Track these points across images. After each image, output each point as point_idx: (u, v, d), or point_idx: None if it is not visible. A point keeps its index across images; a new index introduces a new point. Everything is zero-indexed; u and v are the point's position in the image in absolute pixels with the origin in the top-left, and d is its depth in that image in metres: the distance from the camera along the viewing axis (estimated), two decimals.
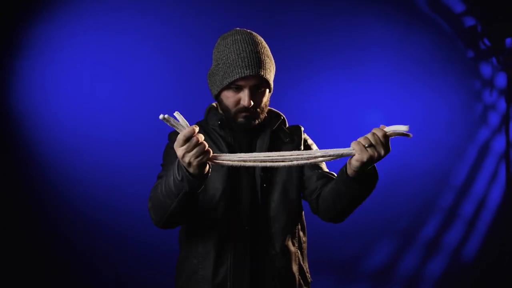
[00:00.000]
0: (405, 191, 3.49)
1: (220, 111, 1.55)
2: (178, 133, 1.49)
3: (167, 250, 2.65)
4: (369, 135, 1.18)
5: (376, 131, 1.18)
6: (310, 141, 1.63)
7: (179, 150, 1.14)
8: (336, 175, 1.49)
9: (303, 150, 1.55)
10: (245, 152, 1.44)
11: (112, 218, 3.09)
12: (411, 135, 1.16)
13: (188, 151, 1.14)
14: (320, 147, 1.62)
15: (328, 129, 1.95)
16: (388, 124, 1.20)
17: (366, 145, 1.17)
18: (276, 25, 3.27)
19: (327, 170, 1.56)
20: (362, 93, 3.46)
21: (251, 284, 1.42)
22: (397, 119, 3.47)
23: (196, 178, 1.20)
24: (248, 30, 1.49)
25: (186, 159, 1.15)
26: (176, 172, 1.21)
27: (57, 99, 3.08)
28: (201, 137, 1.15)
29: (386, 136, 1.18)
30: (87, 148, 3.08)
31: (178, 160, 1.20)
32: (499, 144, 3.71)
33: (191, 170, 1.18)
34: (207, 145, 1.16)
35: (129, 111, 3.14)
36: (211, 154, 1.18)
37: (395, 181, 3.45)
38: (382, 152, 1.18)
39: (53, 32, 3.09)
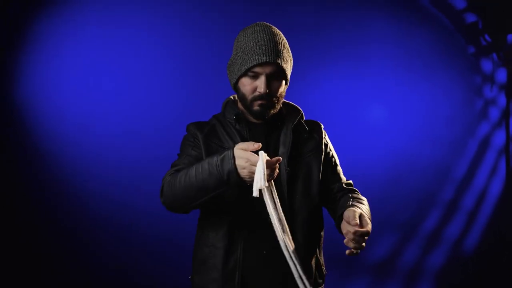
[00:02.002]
0: (406, 185, 3.51)
1: (238, 104, 1.59)
2: (198, 125, 1.57)
3: (179, 243, 2.68)
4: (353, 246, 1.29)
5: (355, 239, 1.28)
6: (330, 145, 1.68)
7: (259, 171, 1.23)
8: (352, 184, 1.64)
9: (324, 150, 1.61)
10: (262, 147, 1.51)
11: (117, 210, 3.12)
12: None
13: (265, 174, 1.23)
14: None
15: (330, 123, 1.98)
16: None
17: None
18: (279, 20, 3.24)
19: (345, 180, 1.65)
20: (364, 88, 3.48)
21: (264, 275, 1.45)
22: (398, 114, 3.52)
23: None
24: (268, 24, 1.53)
25: (258, 176, 1.24)
26: (224, 173, 1.27)
27: (61, 93, 3.10)
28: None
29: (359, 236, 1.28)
30: (92, 142, 3.11)
31: (225, 161, 1.27)
32: (499, 138, 3.71)
33: (246, 181, 1.28)
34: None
35: (133, 104, 3.16)
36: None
37: (396, 175, 3.48)
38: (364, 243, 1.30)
39: (57, 27, 3.12)
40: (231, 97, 1.67)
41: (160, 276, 3.14)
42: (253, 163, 1.23)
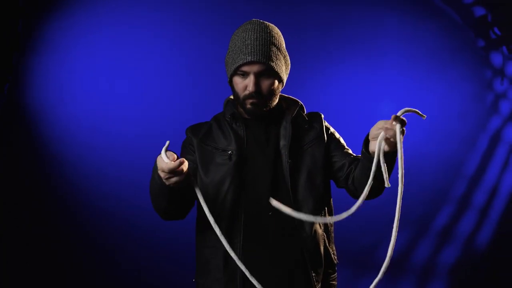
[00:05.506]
0: (418, 181, 3.48)
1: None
2: (194, 129, 1.58)
3: (186, 242, 2.69)
4: (389, 133, 1.19)
5: (391, 127, 1.20)
6: (332, 129, 1.66)
7: (162, 174, 1.23)
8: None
9: (326, 137, 1.59)
10: (262, 143, 1.52)
11: (130, 212, 3.12)
12: (425, 116, 1.21)
13: (169, 178, 1.23)
14: None
15: (341, 120, 1.98)
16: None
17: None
18: (290, 19, 3.30)
19: (354, 154, 1.59)
20: (376, 85, 3.47)
21: (269, 272, 1.44)
22: None
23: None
24: (263, 21, 1.52)
25: (167, 183, 1.25)
26: (157, 178, 1.29)
27: (73, 96, 3.11)
28: (185, 166, 1.25)
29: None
30: (104, 144, 3.12)
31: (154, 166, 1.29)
32: (511, 132, 3.67)
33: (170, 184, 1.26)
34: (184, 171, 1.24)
35: (146, 106, 3.17)
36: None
37: (408, 171, 3.32)
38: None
39: (68, 29, 3.13)
40: (231, 96, 1.66)
41: (165, 276, 3.16)
42: (159, 168, 1.24)
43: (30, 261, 2.99)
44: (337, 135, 1.66)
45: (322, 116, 1.66)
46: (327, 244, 1.56)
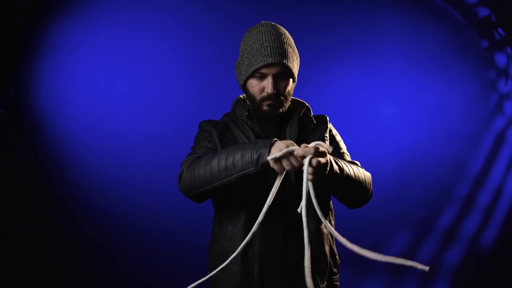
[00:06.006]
0: (421, 181, 3.49)
1: (248, 102, 1.61)
2: (211, 122, 1.60)
3: (186, 242, 2.70)
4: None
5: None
6: (334, 131, 1.69)
7: (294, 159, 1.22)
8: (358, 163, 1.57)
9: (328, 138, 1.62)
10: None
11: (130, 212, 3.14)
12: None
13: (295, 165, 1.23)
14: None
15: (343, 120, 1.98)
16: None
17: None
18: (291, 19, 3.27)
19: (349, 159, 1.61)
20: (378, 85, 3.48)
21: (280, 266, 1.46)
22: (412, 110, 3.49)
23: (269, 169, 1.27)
24: (273, 23, 1.55)
25: (287, 165, 1.24)
26: (253, 153, 1.28)
27: (74, 96, 3.14)
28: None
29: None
30: (106, 145, 3.14)
31: (257, 143, 1.29)
32: None
33: (274, 166, 1.25)
34: None
35: (146, 107, 3.18)
36: None
37: (411, 171, 3.46)
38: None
39: (71, 32, 3.16)
40: (241, 96, 1.69)
41: (165, 276, 3.16)
42: (291, 149, 1.23)
43: (30, 261, 3.00)
44: (338, 137, 1.68)
45: (328, 118, 1.69)
46: (332, 244, 1.58)
